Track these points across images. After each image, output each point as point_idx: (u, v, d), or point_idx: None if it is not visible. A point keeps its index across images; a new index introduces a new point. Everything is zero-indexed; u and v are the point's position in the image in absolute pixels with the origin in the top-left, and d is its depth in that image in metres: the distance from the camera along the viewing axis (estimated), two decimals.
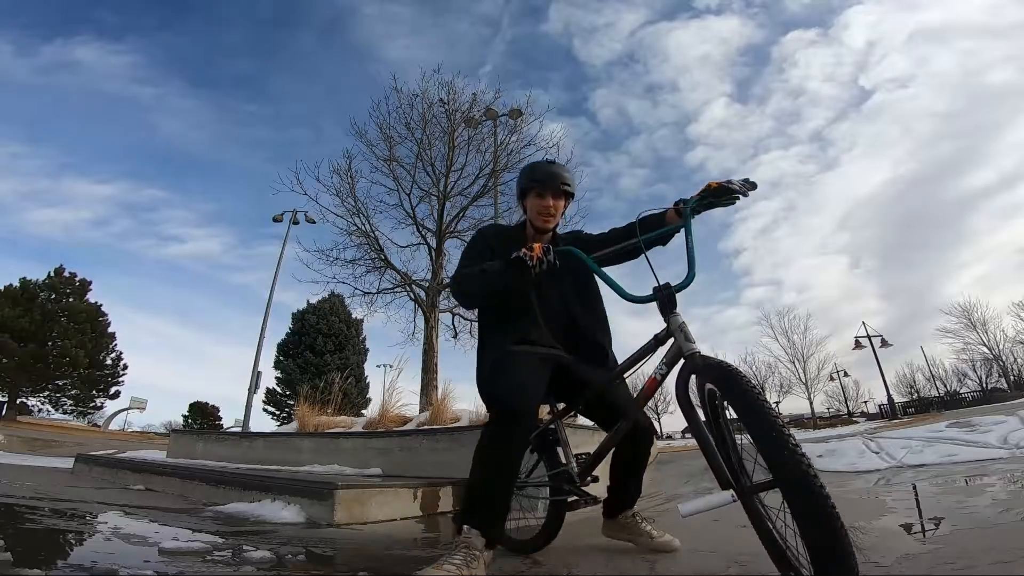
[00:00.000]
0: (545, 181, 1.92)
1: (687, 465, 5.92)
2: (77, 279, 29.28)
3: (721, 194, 1.71)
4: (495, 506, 1.61)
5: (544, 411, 2.06)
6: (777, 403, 35.35)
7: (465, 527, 1.58)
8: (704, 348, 1.23)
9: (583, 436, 3.27)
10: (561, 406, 1.99)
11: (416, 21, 48.62)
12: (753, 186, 1.75)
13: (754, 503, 1.26)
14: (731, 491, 1.21)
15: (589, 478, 1.85)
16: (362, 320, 27.02)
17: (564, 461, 1.88)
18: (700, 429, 1.32)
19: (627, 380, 1.84)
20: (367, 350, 29.98)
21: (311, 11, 50.36)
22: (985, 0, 51.05)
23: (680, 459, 6.87)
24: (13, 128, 54.72)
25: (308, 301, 27.99)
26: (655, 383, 1.56)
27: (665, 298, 1.49)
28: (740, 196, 1.72)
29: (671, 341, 1.48)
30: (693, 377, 1.38)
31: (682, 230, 1.64)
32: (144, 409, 35.23)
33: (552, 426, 1.97)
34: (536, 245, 1.64)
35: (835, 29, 54.05)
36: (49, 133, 57.96)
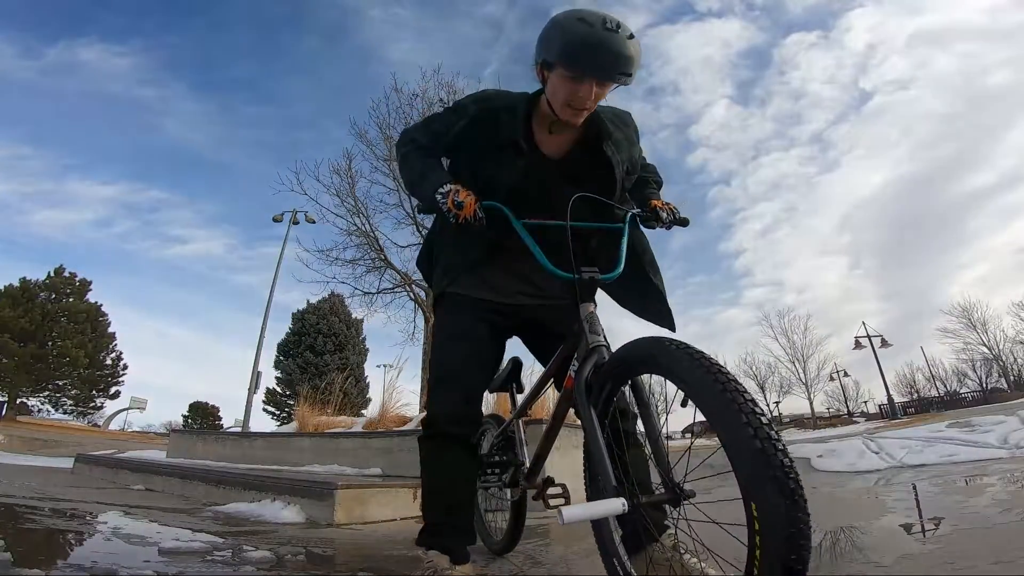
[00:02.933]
0: (591, 61, 1.29)
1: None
2: (77, 279, 29.27)
3: (650, 218, 1.55)
4: (451, 526, 1.48)
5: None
6: (777, 403, 35.42)
7: (422, 550, 1.46)
8: (705, 348, 1.08)
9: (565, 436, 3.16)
10: (522, 397, 1.84)
11: (420, 24, 48.50)
12: (681, 222, 1.58)
13: (641, 518, 1.12)
14: (622, 500, 1.03)
15: (545, 479, 1.64)
16: (362, 320, 27.03)
17: (519, 459, 1.77)
18: (592, 427, 1.17)
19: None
20: (367, 350, 29.97)
21: (315, 14, 50.31)
22: (985, 3, 51.15)
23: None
24: (17, 129, 54.85)
25: (308, 301, 27.99)
26: (571, 380, 1.34)
27: (583, 284, 1.31)
28: (662, 226, 1.56)
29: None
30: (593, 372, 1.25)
31: (622, 229, 1.48)
32: (144, 409, 35.21)
33: (511, 427, 1.87)
34: (469, 201, 1.35)
35: (836, 32, 53.76)
36: (53, 134, 57.77)
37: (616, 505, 1.03)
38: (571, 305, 1.33)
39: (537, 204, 1.43)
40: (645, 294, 1.61)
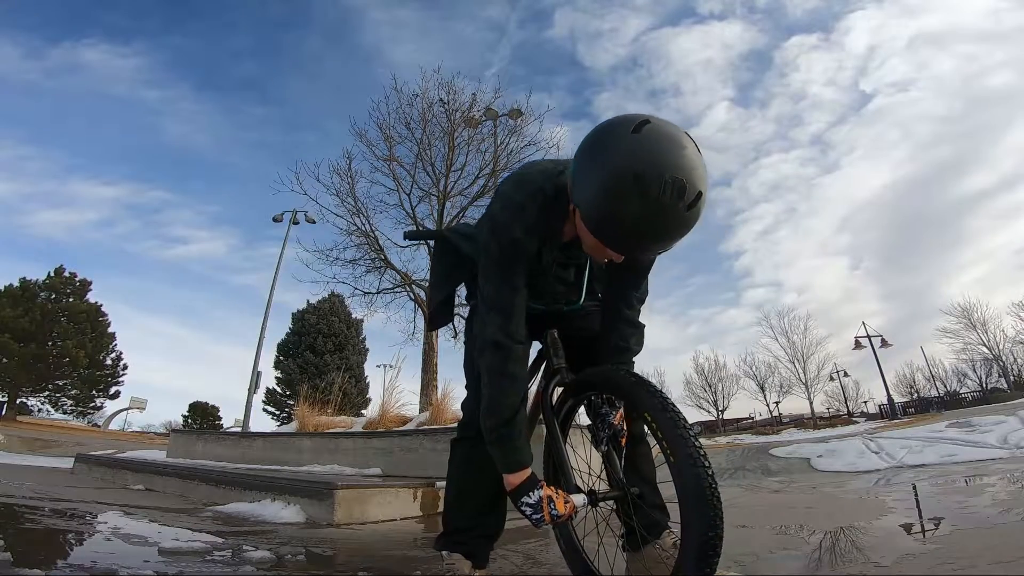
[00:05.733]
0: (635, 247, 1.08)
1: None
2: (77, 279, 29.25)
3: None
4: (480, 530, 1.45)
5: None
6: (777, 403, 35.41)
7: (445, 552, 1.43)
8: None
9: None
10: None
11: (422, 25, 48.71)
12: None
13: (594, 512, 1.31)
14: (583, 495, 1.24)
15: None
16: (362, 320, 27.01)
17: None
18: (555, 435, 1.37)
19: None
20: (367, 350, 30.00)
21: (318, 15, 50.31)
22: (985, 5, 51.08)
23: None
24: (20, 130, 54.98)
25: (308, 301, 28.01)
26: (539, 394, 1.49)
27: (551, 312, 1.52)
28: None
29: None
30: (559, 389, 1.44)
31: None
32: (144, 409, 35.21)
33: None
34: (569, 509, 1.20)
35: (836, 34, 53.74)
36: (56, 135, 57.68)
37: (580, 499, 1.23)
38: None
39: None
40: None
